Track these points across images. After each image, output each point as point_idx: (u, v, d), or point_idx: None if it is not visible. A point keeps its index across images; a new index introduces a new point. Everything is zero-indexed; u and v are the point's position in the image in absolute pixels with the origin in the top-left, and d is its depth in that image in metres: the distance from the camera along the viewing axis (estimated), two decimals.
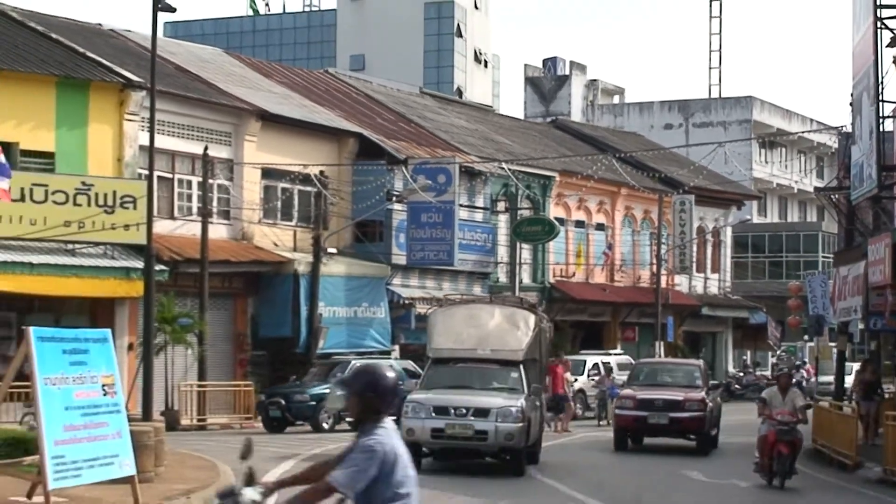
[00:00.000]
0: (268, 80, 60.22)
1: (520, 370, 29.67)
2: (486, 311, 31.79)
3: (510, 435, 27.34)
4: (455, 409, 28.03)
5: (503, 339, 30.14)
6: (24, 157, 41.39)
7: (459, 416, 27.85)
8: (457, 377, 29.90)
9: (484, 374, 29.94)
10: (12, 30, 46.33)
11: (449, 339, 30.60)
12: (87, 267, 41.35)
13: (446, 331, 30.90)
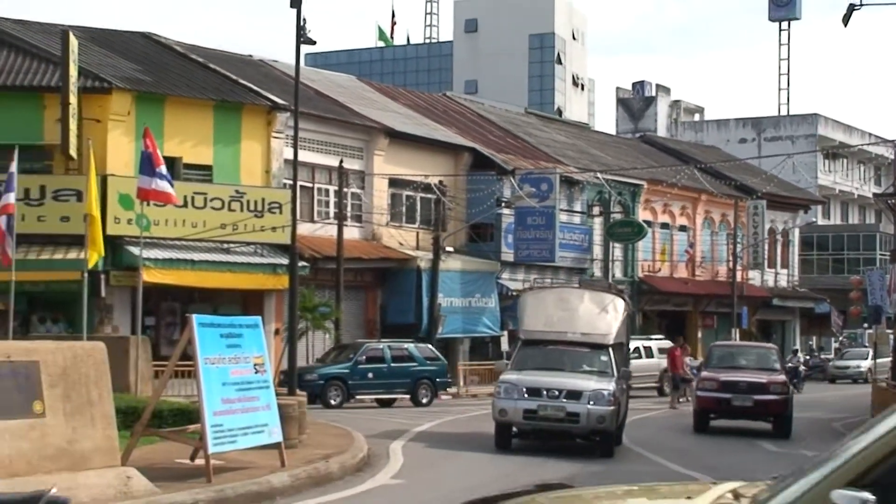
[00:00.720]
0: (394, 102, 60.48)
1: (609, 354, 26.57)
2: (575, 295, 29.05)
3: (602, 418, 24.37)
4: (548, 390, 24.97)
5: (593, 323, 27.04)
6: (186, 169, 41.99)
7: (552, 398, 24.80)
8: (547, 359, 26.67)
9: (574, 357, 26.66)
10: (177, 61, 47.07)
11: (539, 322, 27.43)
12: (240, 263, 41.83)
13: (536, 313, 27.87)
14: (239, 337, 18.52)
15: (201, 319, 18.00)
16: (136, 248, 35.72)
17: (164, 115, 41.55)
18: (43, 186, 38.83)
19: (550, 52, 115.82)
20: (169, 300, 40.97)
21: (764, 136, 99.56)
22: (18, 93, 40.57)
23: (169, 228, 39.99)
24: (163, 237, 39.30)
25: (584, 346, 26.81)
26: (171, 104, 42.14)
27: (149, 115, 39.97)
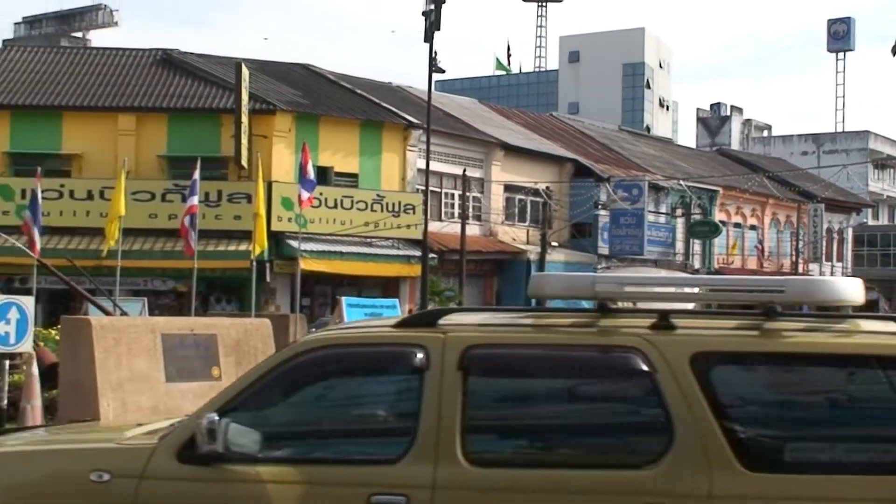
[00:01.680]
0: (509, 121, 60.51)
1: None
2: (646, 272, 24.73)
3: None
4: None
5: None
6: (336, 176, 42.44)
7: None
8: None
9: None
10: (330, 87, 47.54)
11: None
12: (380, 255, 42.15)
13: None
14: (379, 316, 18.73)
15: (349, 300, 18.30)
16: (295, 241, 36.22)
17: (319, 131, 42.00)
18: (220, 191, 39.47)
19: (641, 78, 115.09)
20: (321, 284, 41.38)
21: (822, 150, 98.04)
22: (201, 114, 41.28)
23: (322, 225, 40.45)
24: (317, 232, 39.73)
25: None
26: (325, 123, 42.59)
27: (306, 132, 40.49)
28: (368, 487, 5.51)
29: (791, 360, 5.61)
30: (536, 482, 5.46)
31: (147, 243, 38.12)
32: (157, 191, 39.48)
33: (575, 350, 5.74)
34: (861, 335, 5.68)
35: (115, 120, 41.05)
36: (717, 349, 5.57)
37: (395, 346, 5.87)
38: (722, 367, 5.56)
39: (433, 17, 33.99)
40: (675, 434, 5.39)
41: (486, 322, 6.17)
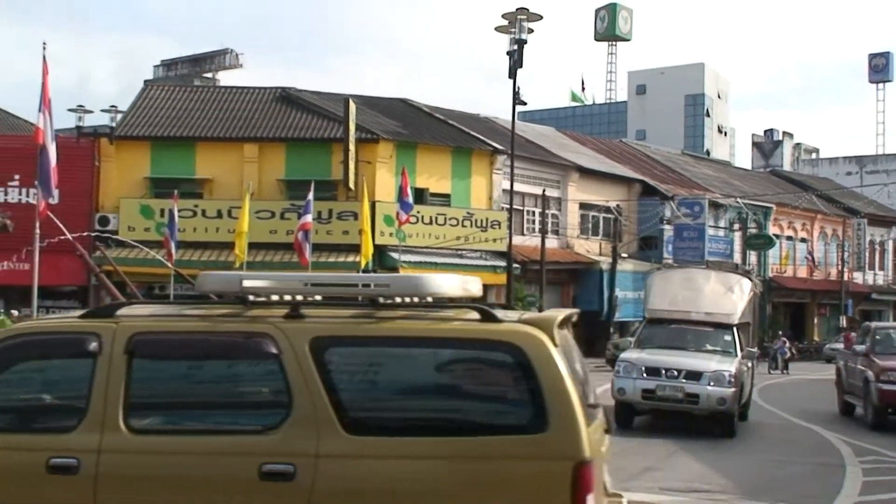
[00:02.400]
0: (583, 146, 60.30)
1: (733, 333, 20.56)
2: (701, 275, 22.31)
3: (722, 399, 18.40)
4: (666, 370, 18.93)
5: (718, 303, 21.11)
6: (431, 197, 42.60)
7: (671, 378, 18.81)
8: (670, 338, 20.68)
9: (698, 336, 20.70)
10: (425, 118, 47.73)
11: (664, 301, 21.48)
12: (470, 265, 42.15)
13: (662, 292, 21.82)
14: None
15: None
16: (395, 253, 36.47)
17: (417, 157, 42.20)
18: (330, 210, 39.80)
19: (701, 108, 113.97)
20: None
21: (865, 170, 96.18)
22: (314, 143, 41.69)
23: (419, 239, 40.65)
24: (414, 245, 39.93)
25: (708, 325, 20.85)
26: (422, 150, 42.80)
27: (405, 158, 40.70)
28: (47, 452, 5.82)
29: (386, 343, 5.99)
30: (184, 446, 5.82)
31: (268, 255, 38.59)
32: (277, 210, 39.96)
33: (220, 336, 6.04)
34: (446, 322, 6.08)
35: (241, 149, 41.64)
36: (331, 334, 5.93)
37: (76, 334, 6.13)
38: (334, 349, 5.91)
39: (516, 57, 34.02)
40: (294, 405, 5.77)
41: (155, 313, 6.46)
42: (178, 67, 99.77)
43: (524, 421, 5.69)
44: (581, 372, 6.35)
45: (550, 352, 5.76)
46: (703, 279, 22.02)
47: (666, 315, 21.33)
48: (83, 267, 35.28)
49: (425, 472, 5.62)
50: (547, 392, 5.67)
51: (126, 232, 38.81)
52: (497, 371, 5.90)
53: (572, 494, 5.50)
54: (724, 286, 21.70)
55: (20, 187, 39.12)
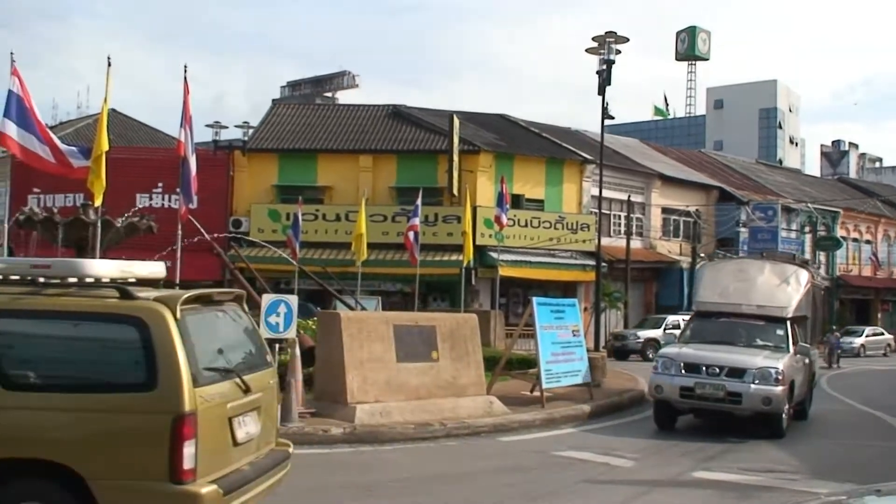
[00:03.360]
0: (665, 156, 59.43)
1: (786, 327, 17.27)
2: (755, 266, 18.77)
3: (767, 399, 15.29)
4: (707, 367, 15.82)
5: (771, 295, 17.76)
6: (526, 202, 42.32)
7: (711, 376, 15.68)
8: (719, 332, 17.50)
9: (748, 331, 17.43)
10: (522, 132, 47.45)
11: (714, 293, 18.25)
12: (561, 264, 41.85)
13: (712, 284, 18.50)
14: (562, 312, 18.56)
15: (538, 300, 18.13)
16: (494, 253, 36.24)
17: (514, 167, 41.99)
18: (436, 214, 39.84)
19: (774, 120, 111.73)
20: (514, 287, 41.33)
21: None
22: (422, 154, 41.79)
23: (515, 240, 40.40)
24: (511, 246, 39.70)
25: (759, 318, 17.57)
26: (518, 160, 42.57)
27: (504, 167, 40.54)
28: None
29: (36, 315, 6.58)
30: None
31: (381, 254, 38.73)
32: (389, 214, 40.12)
33: None
34: (89, 299, 6.65)
35: (357, 159, 41.93)
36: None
37: None
38: (2, 321, 6.55)
39: (605, 76, 33.55)
40: None
41: None
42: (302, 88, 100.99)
43: (139, 381, 6.28)
44: (235, 338, 7.25)
45: (168, 324, 6.33)
46: (756, 270, 18.53)
47: (714, 308, 18.11)
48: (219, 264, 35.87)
49: (63, 421, 6.24)
50: (159, 357, 6.26)
51: (256, 233, 39.36)
52: (123, 339, 6.43)
53: (171, 441, 6.10)
54: (778, 277, 18.25)
55: (163, 193, 39.91)
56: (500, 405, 15.52)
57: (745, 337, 17.31)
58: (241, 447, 6.84)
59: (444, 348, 15.11)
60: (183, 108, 15.96)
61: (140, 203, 37.45)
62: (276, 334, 13.11)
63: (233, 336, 7.32)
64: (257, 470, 6.97)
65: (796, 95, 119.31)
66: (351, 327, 14.12)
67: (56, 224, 24.63)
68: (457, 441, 13.65)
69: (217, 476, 6.41)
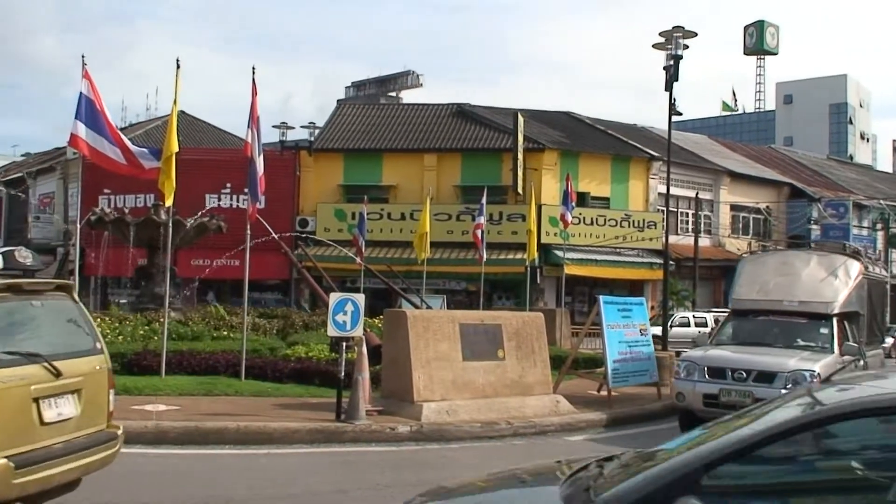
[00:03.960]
0: (733, 153, 58.67)
1: (831, 325, 15.41)
2: (800, 259, 16.83)
3: None
4: (733, 371, 14.14)
5: (816, 290, 15.87)
6: (592, 200, 42.12)
7: (738, 381, 14.03)
8: (755, 332, 15.86)
9: (788, 330, 15.62)
10: (587, 129, 47.20)
11: (753, 289, 16.48)
12: (628, 262, 41.57)
13: (752, 280, 16.72)
14: (629, 311, 18.39)
15: (605, 299, 17.98)
16: (560, 251, 36.13)
17: (579, 164, 41.81)
18: (501, 212, 39.84)
19: (844, 116, 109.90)
20: (580, 285, 41.17)
21: None
22: (486, 153, 41.80)
23: (580, 238, 40.22)
24: (577, 244, 39.53)
25: (802, 316, 15.74)
26: (584, 158, 42.38)
27: (569, 165, 40.38)
28: None
29: None
30: None
31: (445, 253, 38.84)
32: (453, 213, 40.21)
33: None
34: None
35: (422, 158, 42.08)
36: None
37: None
38: None
39: (672, 71, 33.19)
40: None
41: None
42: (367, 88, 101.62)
43: None
44: (52, 326, 7.62)
45: None
46: (801, 263, 16.61)
47: (752, 306, 16.30)
48: (287, 263, 36.31)
49: None
50: None
51: (322, 232, 39.73)
52: None
53: None
54: (825, 270, 16.30)
55: (231, 194, 40.45)
56: (567, 404, 15.44)
57: (785, 337, 15.56)
58: (50, 427, 7.13)
59: (509, 347, 15.08)
60: (250, 110, 16.13)
61: (209, 203, 38.01)
62: (342, 332, 13.19)
63: (48, 323, 7.66)
64: (69, 448, 7.27)
65: (866, 90, 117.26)
66: (417, 326, 14.16)
67: (128, 224, 25.23)
68: (523, 440, 13.61)
69: (15, 452, 6.74)
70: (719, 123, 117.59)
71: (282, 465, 10.80)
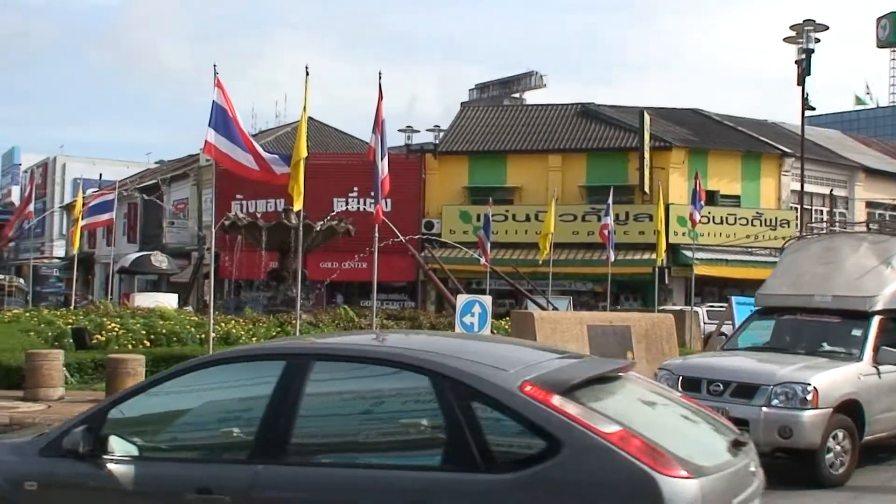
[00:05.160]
0: (868, 148, 56.56)
1: (868, 326, 11.77)
2: (849, 245, 13.25)
3: (786, 428, 10.23)
4: (710, 382, 10.94)
5: (855, 283, 12.38)
6: (722, 198, 41.24)
7: (713, 395, 10.69)
8: (778, 334, 12.71)
9: (816, 332, 12.26)
10: (716, 126, 46.15)
11: (785, 282, 13.16)
12: (760, 262, 40.34)
13: (787, 270, 13.46)
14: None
15: (738, 300, 17.71)
16: (688, 251, 35.48)
17: (708, 163, 41.00)
18: (627, 212, 39.39)
19: None
20: (709, 286, 40.28)
21: None
22: (612, 152, 41.40)
23: (710, 238, 39.47)
24: (706, 244, 38.79)
25: (836, 314, 12.23)
26: (712, 155, 41.55)
27: (697, 163, 39.61)
28: None
29: None
30: None
31: (570, 254, 38.63)
32: (578, 213, 39.95)
33: None
34: None
35: (546, 159, 41.94)
36: None
37: None
38: None
39: (804, 65, 32.32)
40: None
41: None
42: (490, 90, 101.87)
43: None
44: None
45: None
46: (849, 250, 13.12)
47: (779, 302, 13.02)
48: (413, 265, 36.68)
49: None
50: None
51: (448, 234, 40.03)
52: None
53: None
54: (876, 258, 12.73)
55: (358, 197, 41.06)
56: None
57: (810, 340, 12.25)
58: None
59: (639, 349, 14.88)
60: (375, 114, 16.31)
61: (337, 207, 38.65)
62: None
63: None
64: None
65: None
66: (545, 327, 14.09)
67: (260, 228, 25.87)
68: None
69: None
70: (853, 118, 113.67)
71: None
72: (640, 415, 5.00)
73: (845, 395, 10.74)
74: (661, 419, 5.19)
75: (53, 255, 75.02)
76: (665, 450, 4.48)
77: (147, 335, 18.16)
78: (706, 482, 4.47)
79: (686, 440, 4.91)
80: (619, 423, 4.55)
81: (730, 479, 4.75)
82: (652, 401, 5.33)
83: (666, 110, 46.33)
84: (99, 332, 18.20)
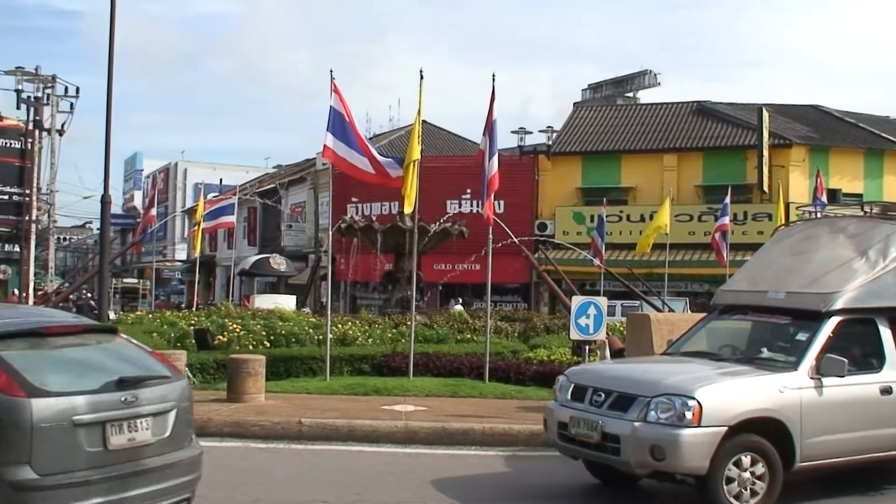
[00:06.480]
0: None
1: (817, 329, 9.38)
2: (829, 233, 10.80)
3: (658, 448, 8.32)
4: (595, 391, 9.15)
5: (820, 277, 10.00)
6: (843, 197, 39.84)
7: (595, 405, 9.03)
8: (718, 337, 10.59)
9: (761, 334, 10.20)
10: (835, 123, 44.81)
11: (747, 276, 11.09)
12: None
13: (756, 263, 11.40)
14: None
15: None
16: None
17: (829, 160, 39.82)
18: (745, 212, 38.57)
19: None
20: None
21: None
22: (729, 150, 40.60)
23: None
24: None
25: (787, 314, 9.98)
26: (834, 153, 40.34)
27: (818, 161, 38.56)
28: None
29: None
30: None
31: (686, 255, 38.04)
32: (694, 213, 39.31)
33: None
34: None
35: (661, 159, 41.38)
36: None
37: None
38: None
39: None
40: None
41: None
42: (603, 89, 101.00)
43: None
44: None
45: None
46: (826, 239, 10.81)
47: (732, 299, 10.90)
48: (527, 266, 36.64)
49: None
50: None
51: (561, 236, 39.86)
52: None
53: None
54: (853, 248, 10.42)
55: (471, 199, 41.19)
56: None
57: (753, 345, 10.25)
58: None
59: None
60: (487, 116, 16.36)
61: (450, 209, 38.87)
62: (586, 336, 13.13)
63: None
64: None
65: None
66: (661, 329, 13.88)
67: (375, 231, 26.21)
68: None
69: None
70: None
71: (526, 467, 10.87)
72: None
73: (754, 412, 8.71)
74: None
75: (175, 259, 77.29)
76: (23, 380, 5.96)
77: (267, 336, 18.62)
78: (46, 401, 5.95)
79: (62, 376, 6.30)
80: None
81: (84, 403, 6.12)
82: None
83: (784, 107, 45.21)
84: (221, 333, 18.72)
